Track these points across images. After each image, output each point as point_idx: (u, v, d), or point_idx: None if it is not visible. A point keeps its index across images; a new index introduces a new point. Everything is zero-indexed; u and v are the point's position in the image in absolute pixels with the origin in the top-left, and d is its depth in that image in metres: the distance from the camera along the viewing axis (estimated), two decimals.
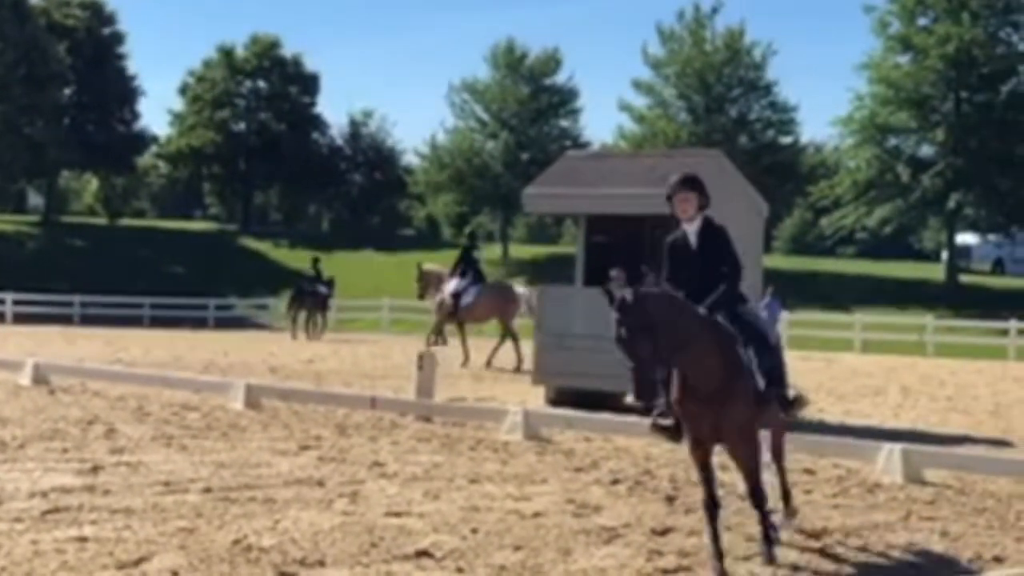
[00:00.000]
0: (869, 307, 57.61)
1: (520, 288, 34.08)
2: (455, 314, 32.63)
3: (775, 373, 9.02)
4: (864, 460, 14.07)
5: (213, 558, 8.77)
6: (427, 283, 33.95)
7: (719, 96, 78.21)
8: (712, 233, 9.27)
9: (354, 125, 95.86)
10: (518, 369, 28.91)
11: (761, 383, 8.78)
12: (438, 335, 33.16)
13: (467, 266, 32.82)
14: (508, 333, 31.84)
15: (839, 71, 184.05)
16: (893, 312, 56.63)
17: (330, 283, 46.00)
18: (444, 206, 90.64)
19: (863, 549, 9.79)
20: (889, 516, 11.27)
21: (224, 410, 18.40)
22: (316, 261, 47.26)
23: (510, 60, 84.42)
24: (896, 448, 13.55)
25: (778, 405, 9.21)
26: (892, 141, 71.83)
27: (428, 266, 35.83)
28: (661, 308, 8.28)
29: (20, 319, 51.38)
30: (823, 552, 9.62)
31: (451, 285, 32.55)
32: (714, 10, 77.94)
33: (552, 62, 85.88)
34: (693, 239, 9.27)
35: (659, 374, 8.24)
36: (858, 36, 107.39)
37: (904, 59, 70.75)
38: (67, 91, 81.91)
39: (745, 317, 9.17)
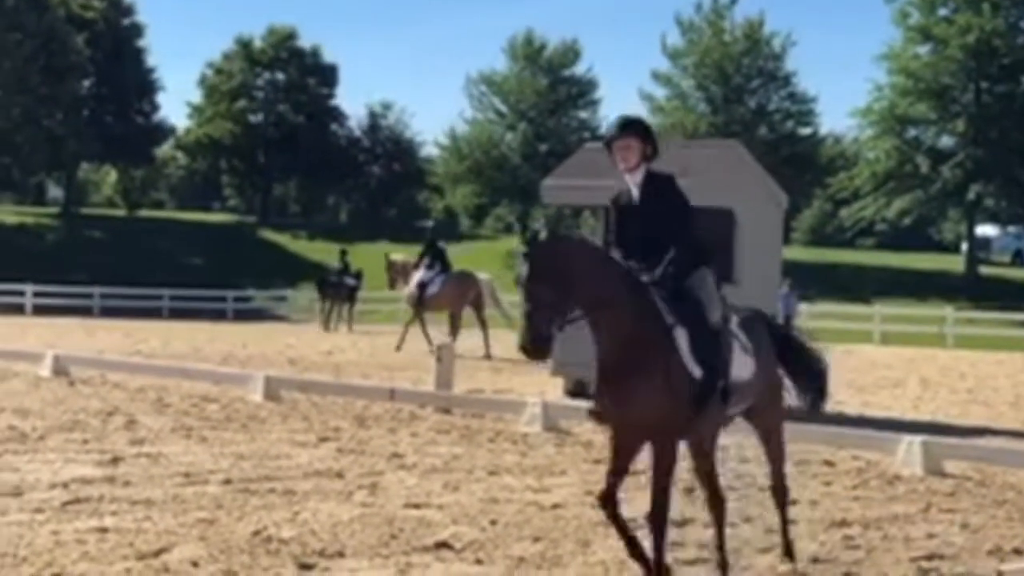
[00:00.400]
0: (888, 299, 57.44)
1: (483, 275, 34.37)
2: (421, 304, 32.87)
3: (713, 361, 7.56)
4: (884, 452, 14.05)
5: (233, 549, 8.83)
6: (395, 274, 34.44)
7: (738, 87, 78.45)
8: (656, 186, 7.94)
9: (373, 117, 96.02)
10: (488, 356, 29.21)
11: (696, 371, 7.41)
12: (422, 325, 33.39)
13: (433, 258, 33.06)
14: (479, 321, 32.07)
15: (859, 62, 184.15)
16: (913, 304, 56.51)
17: (358, 275, 45.77)
18: (463, 197, 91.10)
19: (883, 540, 9.79)
20: (909, 508, 11.28)
21: (243, 402, 18.44)
22: (344, 253, 47.18)
23: (528, 52, 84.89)
24: (916, 440, 13.56)
25: (720, 400, 7.72)
26: (912, 132, 71.98)
27: (395, 256, 36.08)
28: (577, 255, 7.25)
29: (40, 311, 51.45)
30: (843, 543, 9.61)
31: (417, 276, 32.90)
32: (733, 1, 78.49)
33: (571, 53, 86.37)
34: (636, 193, 7.99)
35: (555, 326, 7.06)
36: (878, 27, 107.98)
37: (924, 50, 70.79)
38: (86, 83, 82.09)
39: (687, 293, 7.81)
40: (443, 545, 9.31)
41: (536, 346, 6.90)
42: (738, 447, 14.18)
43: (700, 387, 7.32)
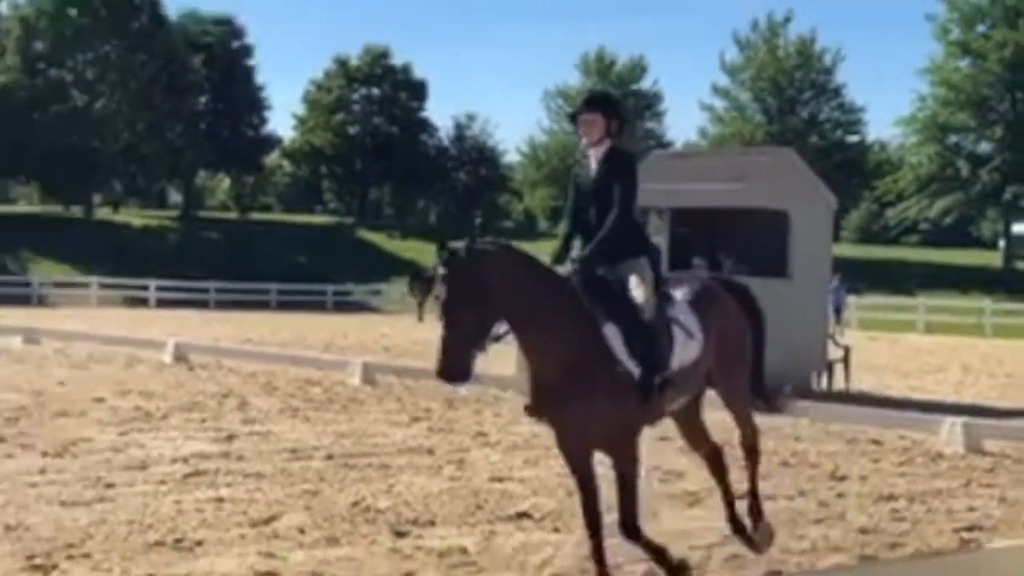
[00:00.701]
0: (931, 291, 56.94)
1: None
2: None
3: (651, 357, 6.54)
4: (928, 432, 13.85)
5: (335, 517, 8.87)
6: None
7: (791, 99, 78.19)
8: (614, 164, 6.88)
9: (459, 127, 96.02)
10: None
11: (635, 370, 6.43)
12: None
13: None
14: None
15: (903, 74, 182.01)
16: (954, 296, 56.05)
17: None
18: (540, 200, 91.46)
19: (927, 513, 9.65)
20: (951, 483, 11.13)
21: (343, 385, 18.54)
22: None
23: (600, 67, 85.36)
24: (958, 421, 13.43)
25: (661, 396, 6.64)
26: (952, 139, 71.55)
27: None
28: (498, 269, 6.21)
29: (162, 304, 52.30)
30: (893, 516, 9.49)
31: None
32: (786, 19, 78.40)
33: (638, 69, 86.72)
34: (594, 169, 6.97)
35: (477, 348, 6.15)
36: (921, 42, 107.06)
37: (964, 63, 70.28)
38: (203, 99, 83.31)
39: (618, 284, 6.77)
40: (524, 515, 9.23)
41: (451, 375, 5.97)
42: (793, 426, 14.01)
43: (640, 385, 6.39)
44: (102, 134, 73.59)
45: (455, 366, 5.90)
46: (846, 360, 21.37)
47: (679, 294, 6.95)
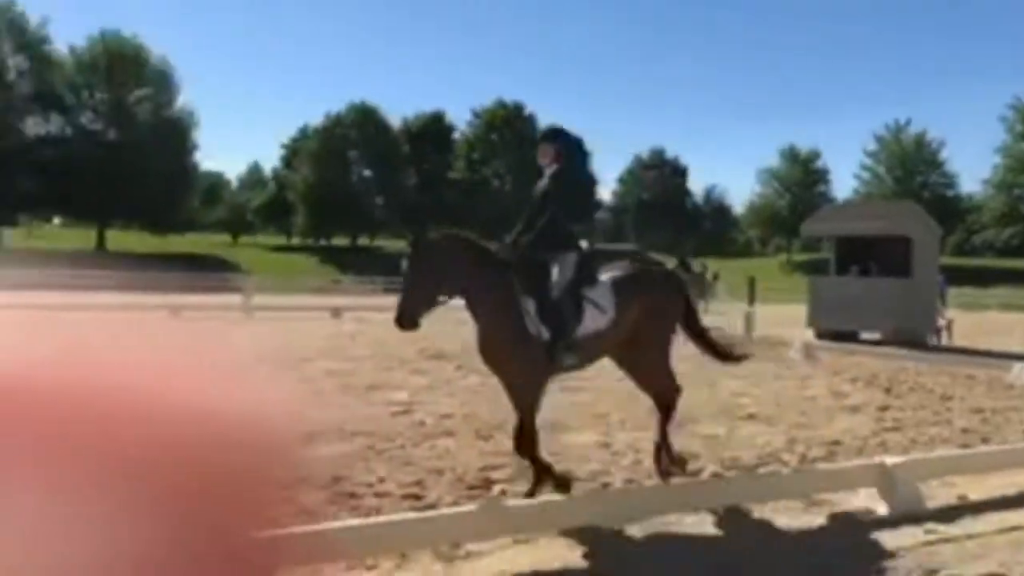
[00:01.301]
0: (1003, 285, 59.55)
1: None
2: None
3: (556, 324, 5.60)
4: (1004, 370, 13.11)
5: (640, 416, 8.16)
6: None
7: (910, 170, 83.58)
8: (555, 183, 5.92)
9: (707, 192, 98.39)
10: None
11: (545, 334, 5.54)
12: None
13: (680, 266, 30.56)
14: None
15: (983, 150, 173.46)
16: (1018, 287, 57.62)
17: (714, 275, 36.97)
18: (758, 233, 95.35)
19: (1004, 420, 9.34)
20: (1018, 403, 10.64)
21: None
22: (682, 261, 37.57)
23: (793, 155, 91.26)
24: (1023, 364, 12.80)
25: (565, 351, 5.63)
26: (1016, 192, 77.51)
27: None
28: (450, 249, 5.46)
29: None
30: (982, 421, 9.19)
31: None
32: (907, 123, 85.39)
33: (812, 155, 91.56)
34: (544, 184, 5.95)
35: (422, 307, 5.30)
36: (994, 126, 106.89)
37: None
38: None
39: (542, 267, 5.76)
40: (752, 416, 9.00)
41: (404, 321, 5.22)
42: (916, 367, 13.78)
43: (548, 345, 5.55)
44: None
45: (405, 318, 5.22)
46: (949, 327, 20.50)
47: (605, 277, 5.96)
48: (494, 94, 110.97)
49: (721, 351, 6.50)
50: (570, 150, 6.07)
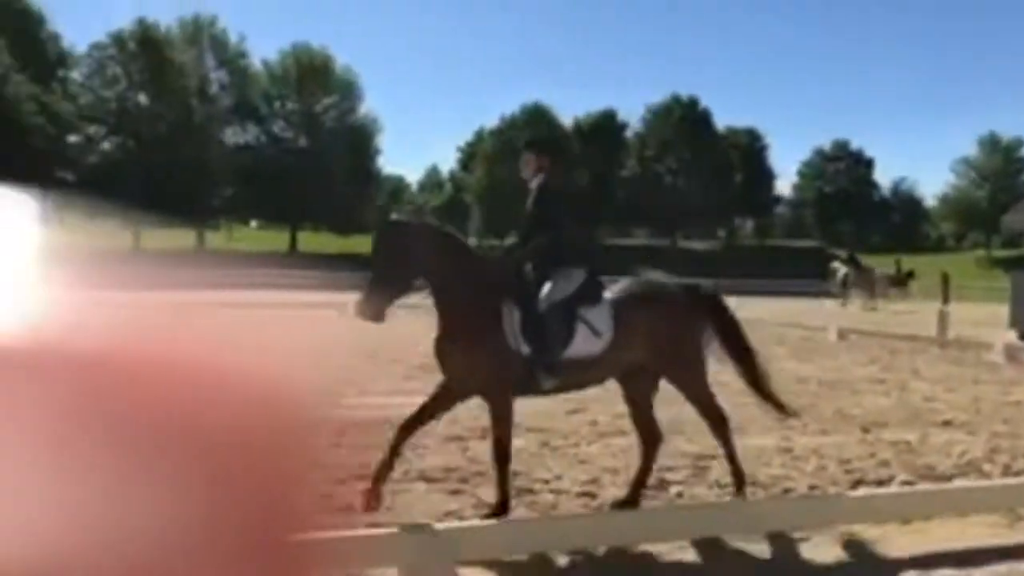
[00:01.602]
0: None
1: (879, 271, 33.81)
2: (845, 286, 32.01)
3: (540, 343, 5.25)
4: None
5: (823, 419, 8.69)
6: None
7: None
8: (546, 194, 5.58)
9: (895, 185, 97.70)
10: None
11: (524, 348, 5.20)
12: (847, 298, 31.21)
13: (850, 262, 32.98)
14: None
15: None
16: None
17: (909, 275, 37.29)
18: (951, 229, 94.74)
19: None
20: None
21: (825, 340, 18.11)
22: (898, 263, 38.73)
23: (995, 146, 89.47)
24: None
25: (546, 372, 5.28)
26: None
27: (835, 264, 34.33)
28: (418, 237, 5.15)
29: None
30: None
31: (842, 272, 32.41)
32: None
33: (1017, 144, 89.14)
34: (531, 197, 5.62)
35: (389, 296, 5.03)
36: None
37: None
38: None
39: (529, 281, 5.44)
40: (947, 423, 8.66)
41: (367, 313, 4.97)
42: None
43: (527, 361, 5.20)
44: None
45: (368, 309, 4.96)
46: None
47: (608, 296, 5.55)
48: (668, 90, 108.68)
49: (760, 383, 5.92)
50: (554, 159, 5.80)
